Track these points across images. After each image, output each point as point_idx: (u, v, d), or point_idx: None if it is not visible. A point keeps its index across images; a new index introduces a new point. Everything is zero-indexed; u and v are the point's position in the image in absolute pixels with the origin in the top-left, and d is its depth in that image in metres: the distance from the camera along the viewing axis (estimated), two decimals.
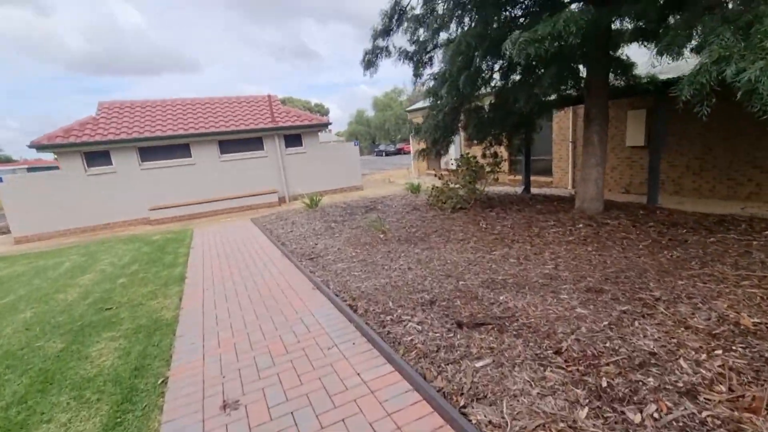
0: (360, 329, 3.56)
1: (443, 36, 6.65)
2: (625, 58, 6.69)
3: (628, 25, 5.78)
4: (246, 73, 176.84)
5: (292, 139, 14.48)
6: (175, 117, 13.47)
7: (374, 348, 3.25)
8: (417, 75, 8.39)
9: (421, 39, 6.92)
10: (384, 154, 47.17)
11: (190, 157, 13.05)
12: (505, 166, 11.53)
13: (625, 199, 8.64)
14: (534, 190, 10.88)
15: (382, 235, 6.87)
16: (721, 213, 6.44)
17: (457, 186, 9.33)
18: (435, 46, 7.06)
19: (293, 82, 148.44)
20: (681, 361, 2.54)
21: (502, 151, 9.69)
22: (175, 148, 12.86)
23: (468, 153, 9.31)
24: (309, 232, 7.94)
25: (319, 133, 15.48)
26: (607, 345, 2.78)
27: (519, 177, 12.76)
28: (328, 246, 6.63)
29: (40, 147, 11.08)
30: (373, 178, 20.20)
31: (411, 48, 7.20)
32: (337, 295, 4.35)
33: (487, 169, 9.08)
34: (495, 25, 5.68)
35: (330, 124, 14.92)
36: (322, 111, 63.31)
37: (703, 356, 2.57)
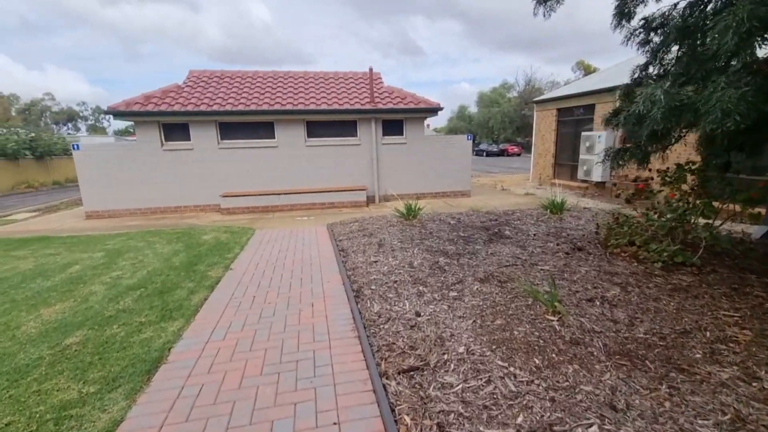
0: None
1: None
2: None
3: None
4: (354, 68, 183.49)
5: (392, 125, 11.49)
6: (262, 91, 11.44)
7: None
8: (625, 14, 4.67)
9: None
10: (485, 153, 42.34)
11: (274, 138, 10.90)
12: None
13: None
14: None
15: (554, 321, 3.37)
16: None
17: (663, 220, 5.30)
18: None
19: (396, 77, 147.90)
20: None
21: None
22: (258, 126, 10.80)
23: (694, 163, 5.19)
24: (404, 272, 4.79)
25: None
26: None
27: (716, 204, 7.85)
28: (442, 327, 3.37)
29: (117, 114, 9.81)
30: (480, 182, 16.38)
31: None
32: None
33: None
34: None
35: (441, 108, 11.58)
36: None
37: None
